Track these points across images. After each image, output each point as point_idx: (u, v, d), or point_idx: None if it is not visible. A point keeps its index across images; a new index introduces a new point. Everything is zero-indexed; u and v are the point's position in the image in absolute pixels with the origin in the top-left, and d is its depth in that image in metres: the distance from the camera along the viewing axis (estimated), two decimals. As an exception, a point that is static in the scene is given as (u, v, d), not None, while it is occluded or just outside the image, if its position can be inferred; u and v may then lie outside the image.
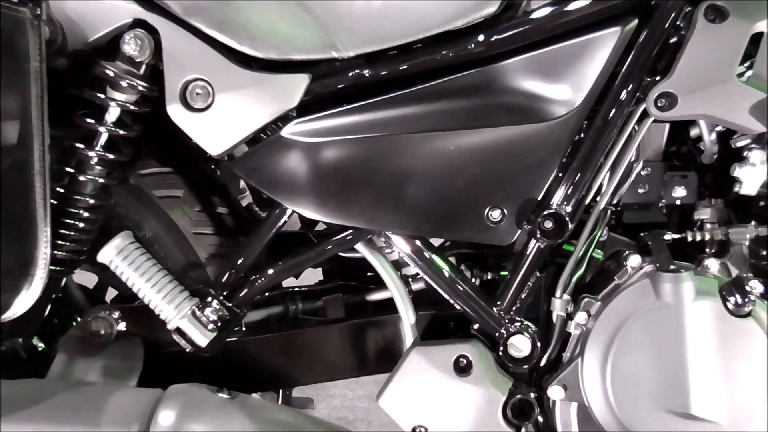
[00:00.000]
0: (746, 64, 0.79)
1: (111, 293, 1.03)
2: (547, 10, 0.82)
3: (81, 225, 0.82)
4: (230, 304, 0.81)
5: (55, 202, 0.80)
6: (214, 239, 0.95)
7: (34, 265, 0.73)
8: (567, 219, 0.80)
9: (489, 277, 0.90)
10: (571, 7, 0.81)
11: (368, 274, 1.01)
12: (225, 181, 1.04)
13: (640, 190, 0.86)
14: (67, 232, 0.82)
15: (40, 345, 0.90)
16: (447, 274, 0.83)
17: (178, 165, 0.96)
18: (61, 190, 0.83)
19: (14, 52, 0.69)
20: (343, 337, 0.92)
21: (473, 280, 0.89)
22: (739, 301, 0.77)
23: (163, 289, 0.78)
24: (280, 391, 1.10)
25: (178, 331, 0.78)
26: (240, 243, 0.96)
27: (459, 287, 0.83)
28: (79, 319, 0.86)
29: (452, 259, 0.92)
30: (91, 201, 0.82)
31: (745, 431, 0.77)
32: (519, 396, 0.81)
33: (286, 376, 0.93)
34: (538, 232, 0.80)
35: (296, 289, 0.97)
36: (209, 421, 0.73)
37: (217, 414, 0.74)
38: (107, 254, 0.77)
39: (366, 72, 0.83)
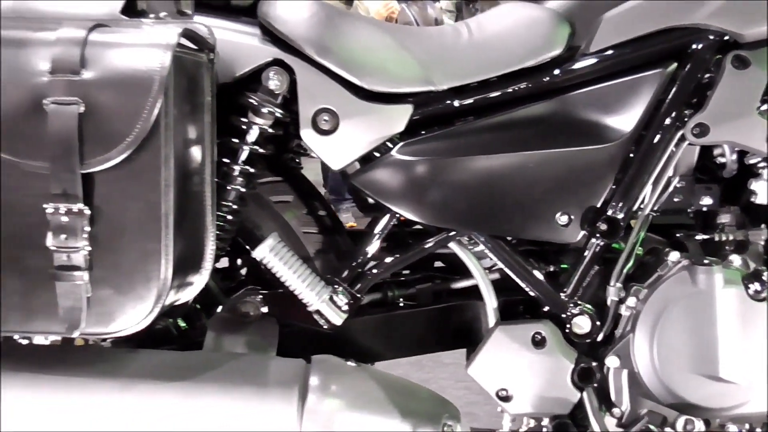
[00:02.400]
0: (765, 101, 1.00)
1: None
2: (602, 54, 1.02)
3: (225, 226, 0.99)
4: (352, 291, 0.99)
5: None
6: (318, 237, 1.13)
7: (204, 259, 0.90)
8: (620, 223, 1.00)
9: (551, 269, 1.09)
10: (622, 51, 1.01)
11: (436, 264, 1.21)
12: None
13: (675, 199, 1.06)
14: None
15: (183, 324, 1.08)
16: (523, 267, 1.03)
17: (286, 175, 1.14)
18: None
19: (195, 89, 0.86)
20: (430, 319, 1.11)
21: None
22: (758, 288, 0.98)
23: (306, 279, 0.96)
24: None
25: (318, 312, 0.97)
26: (337, 240, 1.14)
27: (533, 277, 1.03)
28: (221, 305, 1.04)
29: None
30: (234, 207, 0.99)
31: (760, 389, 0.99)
32: (582, 364, 1.01)
33: (382, 350, 1.12)
34: (597, 233, 1.00)
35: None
36: (347, 383, 0.92)
37: (351, 377, 0.93)
38: (262, 251, 0.95)
39: (456, 102, 1.02)
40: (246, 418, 0.86)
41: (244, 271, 1.21)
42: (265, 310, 1.01)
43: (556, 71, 1.02)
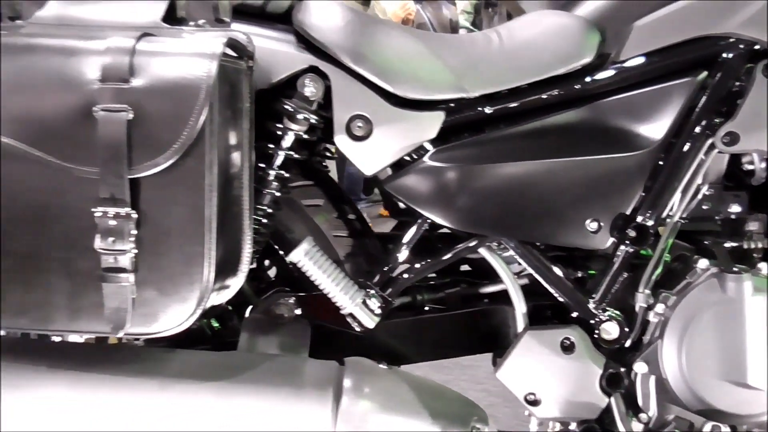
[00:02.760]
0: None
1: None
2: (633, 62, 1.02)
3: (260, 230, 1.01)
4: (384, 295, 1.01)
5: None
6: (348, 240, 1.14)
7: (241, 261, 0.92)
8: (650, 230, 1.01)
9: (579, 275, 1.10)
10: (652, 59, 1.02)
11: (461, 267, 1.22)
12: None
13: (704, 206, 1.07)
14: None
15: (216, 325, 1.10)
16: (552, 273, 1.04)
17: (316, 179, 1.16)
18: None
19: (236, 96, 0.88)
20: (458, 322, 1.13)
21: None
22: (787, 296, 0.99)
23: (340, 283, 0.98)
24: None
25: (351, 315, 0.99)
26: (366, 244, 1.16)
27: (562, 283, 1.04)
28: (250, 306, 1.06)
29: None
30: (269, 210, 1.01)
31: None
32: (611, 370, 1.02)
33: (410, 353, 1.13)
34: (627, 239, 1.01)
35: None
36: (379, 385, 0.93)
37: (384, 379, 0.95)
38: (297, 255, 0.97)
39: (486, 109, 1.03)
40: (281, 418, 0.87)
41: (272, 272, 1.23)
42: (298, 312, 1.03)
43: (587, 79, 1.03)
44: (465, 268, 1.22)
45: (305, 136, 1.00)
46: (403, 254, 1.02)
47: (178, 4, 0.90)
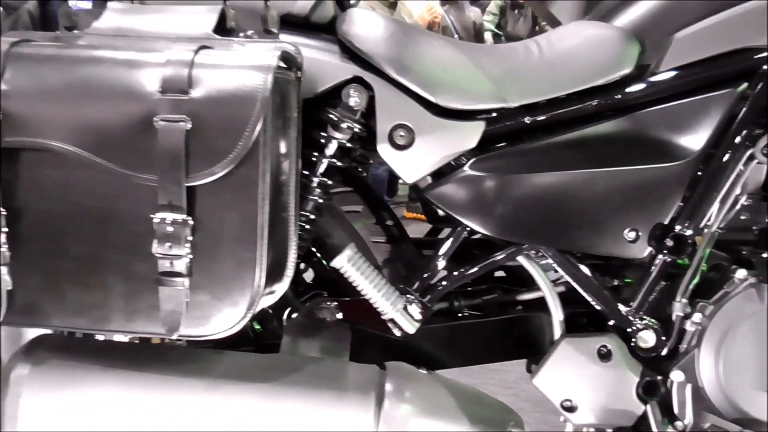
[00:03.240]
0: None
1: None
2: (671, 73, 1.04)
3: (303, 235, 1.03)
4: (424, 301, 1.03)
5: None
6: (386, 246, 1.17)
7: (287, 266, 0.95)
8: (688, 240, 1.02)
9: (615, 283, 1.11)
10: (692, 71, 1.03)
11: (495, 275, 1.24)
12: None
13: (742, 217, 1.08)
14: (295, 241, 1.04)
15: (258, 327, 1.12)
16: (590, 281, 1.05)
17: (355, 186, 1.19)
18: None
19: (285, 106, 0.90)
20: (495, 329, 1.14)
21: (603, 285, 1.11)
22: (825, 307, 0.99)
23: (381, 288, 1.00)
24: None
25: (392, 321, 1.01)
26: (403, 249, 1.18)
27: (599, 292, 1.05)
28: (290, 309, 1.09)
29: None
30: (311, 216, 1.04)
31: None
32: (647, 378, 1.03)
33: (447, 358, 1.15)
34: (665, 249, 1.02)
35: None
36: (420, 389, 0.95)
37: (424, 384, 0.97)
38: (340, 261, 0.99)
39: (526, 119, 1.04)
40: (325, 421, 0.90)
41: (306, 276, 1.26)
42: (339, 316, 1.05)
43: (626, 89, 1.04)
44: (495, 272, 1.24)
45: (348, 145, 1.02)
46: (442, 261, 1.04)
47: (228, 15, 0.93)
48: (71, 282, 0.82)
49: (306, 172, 1.02)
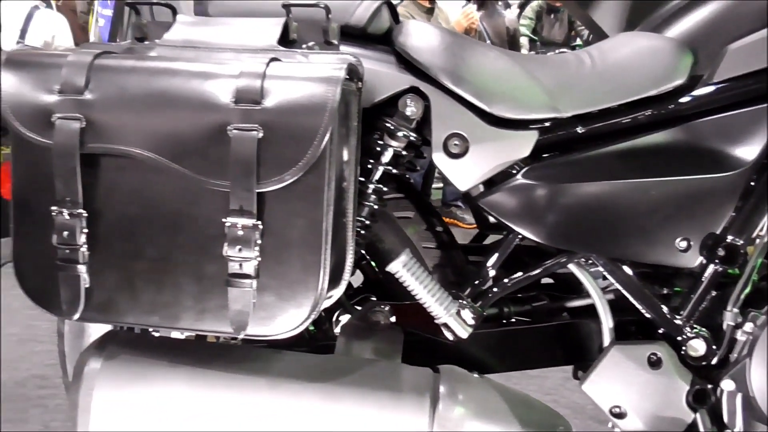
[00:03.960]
0: None
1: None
2: (725, 84, 1.05)
3: (358, 240, 1.06)
4: (476, 306, 1.05)
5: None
6: (436, 252, 1.19)
7: (344, 270, 0.98)
8: (740, 250, 1.03)
9: (665, 292, 1.13)
10: (745, 82, 1.04)
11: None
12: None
13: (794, 227, 1.08)
14: (349, 247, 1.07)
15: (312, 329, 1.16)
16: (640, 289, 1.07)
17: (406, 192, 1.22)
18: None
19: (348, 115, 0.94)
20: (543, 335, 1.16)
21: (652, 294, 1.12)
22: None
23: (436, 293, 1.03)
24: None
25: (445, 325, 1.04)
26: (453, 256, 1.21)
27: (650, 300, 1.06)
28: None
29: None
30: (366, 222, 1.07)
31: None
32: (697, 386, 1.04)
33: (495, 363, 1.17)
34: (716, 259, 1.03)
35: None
36: (473, 393, 0.98)
37: (477, 387, 0.99)
38: (396, 266, 1.02)
39: (579, 128, 1.06)
40: (381, 421, 0.92)
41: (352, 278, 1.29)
42: (393, 319, 1.08)
43: (678, 100, 1.05)
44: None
45: (404, 152, 1.05)
46: (493, 268, 1.06)
47: (290, 27, 0.97)
48: (145, 281, 0.86)
49: (361, 179, 1.05)
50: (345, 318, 1.16)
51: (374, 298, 1.18)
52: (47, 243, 0.86)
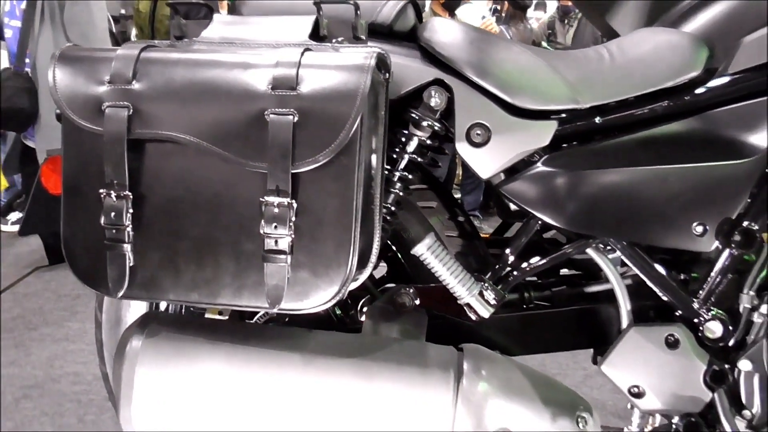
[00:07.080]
0: None
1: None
2: (740, 76, 1.08)
3: (385, 226, 1.11)
4: (498, 289, 1.10)
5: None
6: (459, 241, 1.24)
7: (371, 254, 1.03)
8: (756, 234, 1.06)
9: (682, 277, 1.16)
10: (760, 73, 1.07)
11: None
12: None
13: (810, 212, 1.11)
14: (375, 233, 1.12)
15: (339, 312, 1.21)
16: (658, 273, 1.10)
17: (430, 183, 1.26)
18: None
19: (377, 105, 0.99)
20: (563, 320, 1.20)
21: (670, 279, 1.16)
22: None
23: (459, 275, 1.07)
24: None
25: (468, 305, 1.08)
26: (476, 245, 1.25)
27: (667, 283, 1.10)
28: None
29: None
30: (392, 209, 1.12)
31: None
32: (715, 366, 1.07)
33: (516, 347, 1.21)
34: (732, 243, 1.06)
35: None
36: (496, 371, 1.01)
37: (500, 366, 1.03)
38: (421, 249, 1.07)
39: (597, 119, 1.10)
40: (408, 397, 0.97)
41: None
42: (417, 301, 1.12)
43: (695, 91, 1.09)
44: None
45: (429, 142, 1.10)
46: (514, 252, 1.11)
47: (321, 23, 1.03)
48: (186, 259, 0.91)
49: (387, 168, 1.10)
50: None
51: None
52: (96, 224, 0.92)
